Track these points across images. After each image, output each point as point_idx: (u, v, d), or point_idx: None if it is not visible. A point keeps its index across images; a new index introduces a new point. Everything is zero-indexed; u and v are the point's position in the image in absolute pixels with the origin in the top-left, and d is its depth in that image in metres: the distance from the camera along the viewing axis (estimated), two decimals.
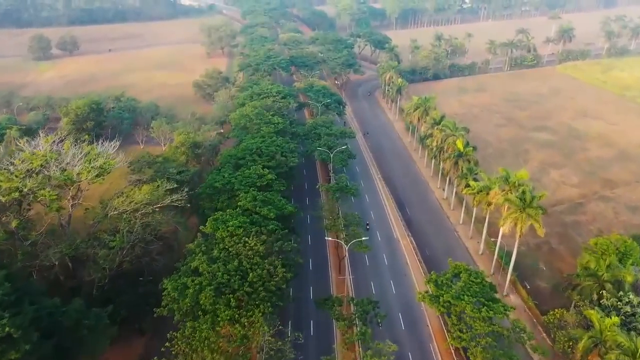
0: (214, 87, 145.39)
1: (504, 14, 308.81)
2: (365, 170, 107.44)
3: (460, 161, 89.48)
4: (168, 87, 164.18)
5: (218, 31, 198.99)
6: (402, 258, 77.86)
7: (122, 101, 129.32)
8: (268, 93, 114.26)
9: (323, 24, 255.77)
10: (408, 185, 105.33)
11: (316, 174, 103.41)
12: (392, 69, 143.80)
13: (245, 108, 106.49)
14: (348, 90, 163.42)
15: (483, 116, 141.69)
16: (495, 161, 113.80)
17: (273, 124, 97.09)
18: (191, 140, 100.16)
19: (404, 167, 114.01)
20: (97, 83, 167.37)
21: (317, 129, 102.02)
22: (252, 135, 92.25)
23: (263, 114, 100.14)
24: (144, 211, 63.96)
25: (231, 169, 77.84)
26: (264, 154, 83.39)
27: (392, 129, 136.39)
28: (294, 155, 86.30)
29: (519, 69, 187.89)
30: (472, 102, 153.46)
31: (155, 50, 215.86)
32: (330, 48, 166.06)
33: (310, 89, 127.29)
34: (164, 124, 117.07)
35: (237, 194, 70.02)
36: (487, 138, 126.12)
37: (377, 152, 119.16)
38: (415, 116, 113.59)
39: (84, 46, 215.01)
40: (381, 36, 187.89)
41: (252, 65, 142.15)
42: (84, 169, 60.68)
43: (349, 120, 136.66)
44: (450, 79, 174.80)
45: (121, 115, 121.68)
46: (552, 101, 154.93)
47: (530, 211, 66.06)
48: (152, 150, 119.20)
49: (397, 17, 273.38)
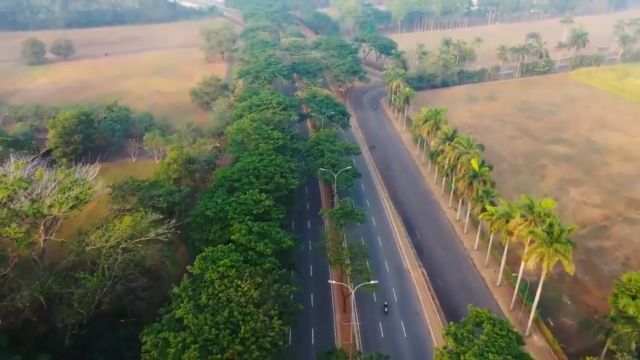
0: (211, 95, 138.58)
1: (512, 17, 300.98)
2: (372, 189, 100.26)
3: (475, 182, 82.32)
4: (164, 95, 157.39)
5: (217, 35, 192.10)
6: (413, 293, 70.64)
7: (114, 111, 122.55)
8: (268, 104, 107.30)
9: (326, 27, 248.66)
10: (417, 205, 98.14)
11: (319, 194, 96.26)
12: (399, 77, 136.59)
13: (243, 121, 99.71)
14: (352, 98, 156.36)
15: (495, 127, 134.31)
16: (510, 178, 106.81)
17: (272, 139, 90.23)
18: (184, 156, 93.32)
19: (412, 184, 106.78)
20: (91, 90, 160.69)
21: (320, 144, 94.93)
22: (249, 153, 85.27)
23: (262, 128, 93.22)
24: (126, 245, 56.98)
25: (225, 194, 70.83)
26: (262, 175, 76.39)
27: (399, 141, 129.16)
28: (294, 176, 79.21)
29: (530, 75, 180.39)
30: (482, 111, 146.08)
31: (153, 54, 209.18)
32: (334, 54, 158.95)
33: (312, 99, 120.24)
34: (157, 136, 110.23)
35: (231, 224, 63.10)
36: (500, 152, 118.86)
37: (383, 167, 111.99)
38: (424, 130, 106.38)
39: (80, 50, 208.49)
40: (387, 41, 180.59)
41: (252, 73, 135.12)
42: (56, 201, 53.68)
43: (353, 132, 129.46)
44: (459, 87, 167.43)
45: (112, 127, 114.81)
46: (567, 110, 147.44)
47: (559, 247, 58.78)
48: (145, 163, 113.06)
49: (403, 20, 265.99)
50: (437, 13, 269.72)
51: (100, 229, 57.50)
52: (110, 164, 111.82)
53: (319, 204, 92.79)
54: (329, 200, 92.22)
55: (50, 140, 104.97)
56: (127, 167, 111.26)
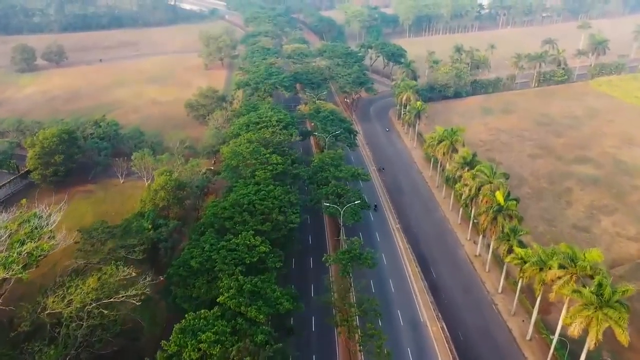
0: (208, 108, 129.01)
1: (524, 20, 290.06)
2: (382, 219, 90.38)
3: (500, 217, 72.48)
4: (159, 105, 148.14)
5: (217, 41, 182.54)
6: (431, 352, 60.76)
7: (101, 127, 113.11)
8: (267, 122, 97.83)
9: (331, 31, 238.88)
10: (432, 236, 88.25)
11: (323, 226, 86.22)
12: (409, 89, 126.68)
13: (240, 140, 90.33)
14: (359, 110, 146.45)
15: (513, 144, 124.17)
16: (533, 204, 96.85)
17: (271, 164, 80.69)
18: (173, 182, 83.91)
19: (425, 211, 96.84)
20: (81, 100, 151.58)
21: (325, 169, 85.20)
22: (244, 182, 75.70)
23: (259, 151, 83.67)
24: (91, 309, 47.53)
25: (214, 236, 61.23)
26: (257, 211, 66.84)
27: (410, 159, 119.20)
28: (295, 211, 69.65)
29: (547, 85, 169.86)
30: (499, 125, 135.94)
31: (149, 60, 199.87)
32: (339, 62, 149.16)
33: (316, 114, 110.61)
34: (146, 155, 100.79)
35: (219, 277, 53.57)
36: (520, 173, 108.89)
37: (394, 191, 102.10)
38: (439, 151, 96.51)
39: (73, 55, 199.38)
40: (395, 48, 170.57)
41: (251, 84, 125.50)
42: (3, 260, 44.20)
43: (360, 148, 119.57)
44: (473, 97, 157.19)
45: (98, 145, 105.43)
46: (589, 125, 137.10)
47: (611, 312, 49.06)
48: (133, 185, 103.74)
49: (411, 24, 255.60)
50: (447, 17, 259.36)
51: (61, 289, 48.02)
52: (95, 186, 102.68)
53: (323, 238, 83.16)
54: (333, 236, 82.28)
55: (28, 162, 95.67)
56: (114, 190, 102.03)
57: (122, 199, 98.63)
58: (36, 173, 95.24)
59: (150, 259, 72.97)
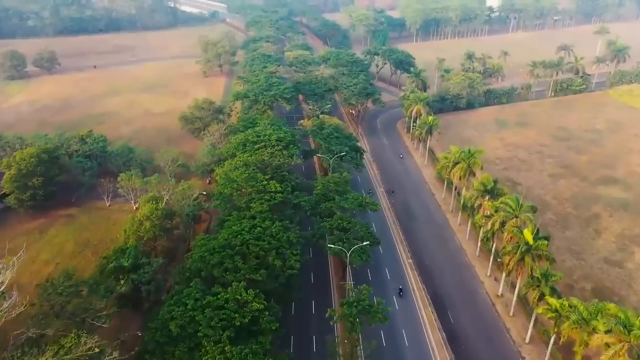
0: (204, 121, 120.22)
1: (536, 24, 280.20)
2: (392, 253, 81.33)
3: (528, 258, 63.69)
4: (152, 117, 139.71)
5: (215, 47, 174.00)
6: None
7: (87, 143, 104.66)
8: (266, 141, 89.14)
9: (336, 36, 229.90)
10: (447, 272, 79.25)
11: (327, 263, 77.09)
12: (419, 101, 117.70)
13: (235, 161, 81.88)
14: (365, 123, 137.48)
15: (533, 162, 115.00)
16: (558, 233, 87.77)
17: (269, 193, 72.08)
18: (160, 212, 75.43)
19: (440, 240, 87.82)
20: (71, 110, 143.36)
21: (329, 197, 76.38)
22: (237, 216, 67.06)
23: (256, 177, 74.91)
24: None
25: (200, 288, 52.51)
26: (252, 254, 58.16)
27: (420, 179, 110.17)
28: (295, 252, 60.84)
29: (564, 94, 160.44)
30: (515, 140, 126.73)
31: (145, 66, 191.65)
32: (344, 71, 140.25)
33: (319, 131, 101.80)
34: (134, 177, 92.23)
35: (203, 344, 44.95)
36: (542, 196, 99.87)
37: (404, 217, 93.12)
38: (455, 174, 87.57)
39: (67, 61, 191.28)
40: (403, 55, 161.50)
41: (250, 97, 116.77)
42: None
43: (367, 166, 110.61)
44: (486, 108, 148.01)
45: (82, 164, 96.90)
46: (613, 140, 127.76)
47: None
48: (120, 208, 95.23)
49: (418, 28, 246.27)
50: (455, 21, 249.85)
51: None
52: (78, 210, 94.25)
53: (327, 278, 74.29)
54: (338, 278, 73.13)
55: (3, 184, 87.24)
56: (98, 214, 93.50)
57: (107, 224, 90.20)
58: (12, 197, 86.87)
59: (131, 303, 64.80)
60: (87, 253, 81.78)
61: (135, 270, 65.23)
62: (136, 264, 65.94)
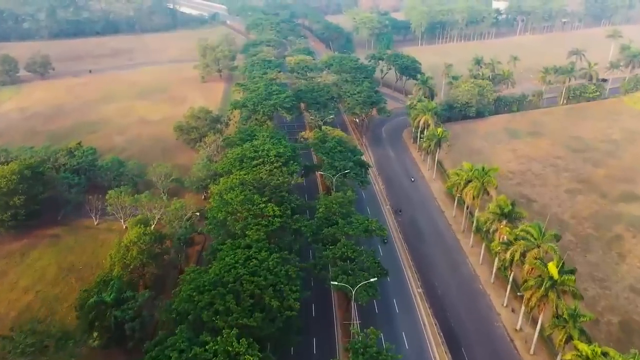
0: (200, 131, 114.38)
1: (544, 26, 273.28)
2: (400, 280, 75.05)
3: (552, 294, 57.48)
4: (147, 125, 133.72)
5: (214, 51, 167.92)
6: None
7: (76, 156, 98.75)
8: (264, 157, 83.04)
9: (339, 39, 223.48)
10: (460, 302, 72.97)
11: (329, 298, 70.48)
12: (427, 111, 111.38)
13: (231, 179, 76.09)
14: (370, 132, 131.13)
15: (547, 176, 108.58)
16: (579, 256, 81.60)
17: (266, 218, 66.14)
18: (148, 237, 69.47)
19: (451, 265, 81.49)
20: (63, 118, 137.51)
21: (332, 222, 70.21)
22: (231, 245, 61.03)
23: (252, 200, 68.86)
24: None
25: (186, 336, 46.44)
26: (246, 292, 52.13)
27: (429, 194, 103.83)
28: (294, 288, 54.82)
29: (576, 101, 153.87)
30: (528, 151, 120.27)
31: (142, 71, 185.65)
32: (348, 78, 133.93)
33: (322, 144, 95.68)
34: (123, 194, 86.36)
35: None
36: (560, 214, 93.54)
37: (413, 239, 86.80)
38: (467, 193, 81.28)
39: (62, 66, 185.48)
40: (409, 61, 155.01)
41: (249, 106, 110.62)
42: None
43: (372, 181, 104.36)
44: (496, 117, 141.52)
45: (69, 180, 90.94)
46: (630, 151, 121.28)
47: None
48: (108, 227, 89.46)
49: (424, 31, 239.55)
50: (462, 23, 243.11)
51: None
52: (64, 229, 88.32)
53: (330, 312, 68.02)
54: (343, 317, 66.76)
55: None
56: (85, 234, 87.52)
57: (94, 246, 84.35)
58: None
59: (114, 342, 58.87)
60: (71, 279, 75.95)
61: (119, 305, 59.52)
62: (119, 299, 60.16)
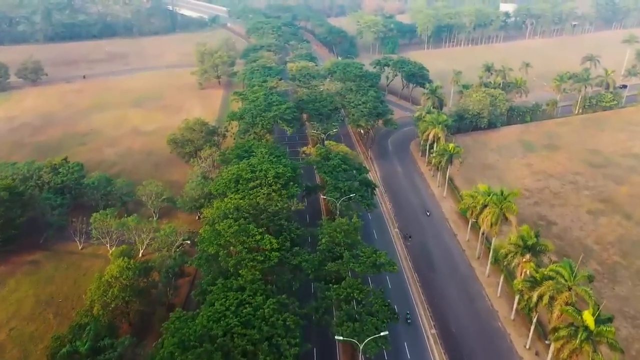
0: (195, 144, 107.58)
1: (553, 29, 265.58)
2: (412, 322, 67.81)
3: (588, 347, 50.25)
4: (141, 136, 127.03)
5: (212, 57, 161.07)
6: None
7: (60, 173, 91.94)
8: (262, 178, 76.03)
9: (342, 43, 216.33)
10: (477, 343, 65.43)
11: (333, 348, 62.96)
12: (438, 124, 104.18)
13: (226, 203, 69.30)
14: (375, 144, 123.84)
15: (567, 194, 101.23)
16: (606, 288, 74.36)
17: (262, 253, 59.12)
18: (131, 272, 62.58)
19: (466, 298, 74.01)
20: (52, 128, 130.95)
21: (336, 255, 63.18)
22: (222, 286, 54.01)
23: (247, 230, 61.85)
24: None
25: None
26: (237, 348, 45.14)
27: (440, 215, 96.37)
28: (293, 340, 47.72)
29: (592, 111, 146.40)
30: (545, 166, 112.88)
31: (138, 76, 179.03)
32: (352, 87, 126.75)
33: (325, 162, 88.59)
34: (109, 217, 79.51)
35: None
36: (582, 239, 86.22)
37: (424, 269, 79.36)
38: (484, 220, 74.04)
39: (55, 71, 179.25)
40: (416, 67, 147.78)
41: (247, 119, 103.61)
42: None
43: (378, 200, 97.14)
44: (508, 128, 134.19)
45: (50, 201, 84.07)
46: None
47: None
48: (93, 253, 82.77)
49: (430, 35, 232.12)
50: (469, 27, 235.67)
51: None
52: (45, 255, 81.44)
53: None
54: None
55: None
56: (68, 261, 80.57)
57: (77, 275, 77.56)
58: None
59: None
60: (49, 314, 69.04)
61: (95, 354, 52.62)
62: (96, 348, 53.25)
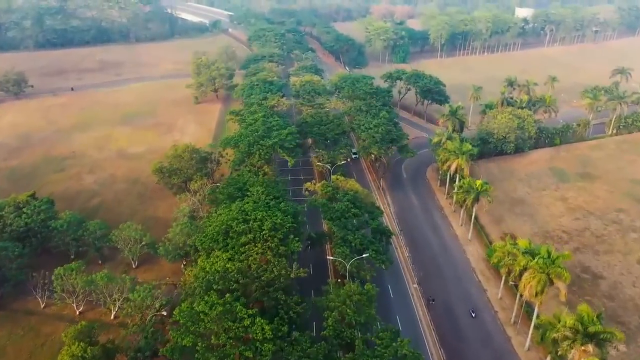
0: (185, 174, 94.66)
1: (574, 36, 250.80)
2: None
3: None
4: (126, 161, 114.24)
5: (209, 69, 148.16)
6: None
7: (25, 213, 79.13)
8: (256, 231, 62.80)
9: (350, 51, 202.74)
10: None
11: None
12: (461, 154, 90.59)
13: (212, 262, 57.09)
14: (389, 173, 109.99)
15: (612, 238, 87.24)
16: None
17: (252, 344, 46.04)
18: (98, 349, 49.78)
19: None
20: (29, 151, 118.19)
21: (344, 340, 49.89)
22: None
23: (234, 311, 48.69)
24: None
25: None
26: None
27: (465, 264, 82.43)
28: None
29: (627, 131, 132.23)
30: (582, 201, 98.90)
31: (129, 88, 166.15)
32: (362, 106, 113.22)
33: (330, 204, 75.27)
34: (74, 273, 66.65)
35: None
36: (637, 298, 72.35)
37: (450, 338, 65.79)
38: (526, 286, 60.39)
39: (42, 81, 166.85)
40: (432, 82, 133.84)
41: (242, 148, 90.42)
42: None
43: (393, 245, 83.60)
44: (537, 152, 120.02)
45: (7, 252, 71.15)
46: None
47: None
48: (57, 314, 70.43)
49: (444, 42, 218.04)
50: (486, 33, 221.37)
51: None
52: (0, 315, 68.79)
53: None
54: None
55: None
56: (26, 324, 67.92)
57: (34, 344, 65.02)
58: None
59: None
60: None
61: None
62: None
